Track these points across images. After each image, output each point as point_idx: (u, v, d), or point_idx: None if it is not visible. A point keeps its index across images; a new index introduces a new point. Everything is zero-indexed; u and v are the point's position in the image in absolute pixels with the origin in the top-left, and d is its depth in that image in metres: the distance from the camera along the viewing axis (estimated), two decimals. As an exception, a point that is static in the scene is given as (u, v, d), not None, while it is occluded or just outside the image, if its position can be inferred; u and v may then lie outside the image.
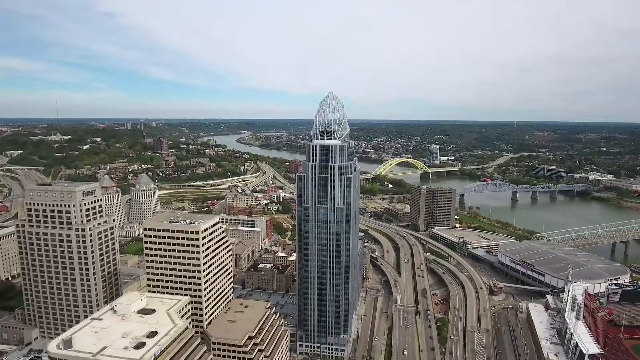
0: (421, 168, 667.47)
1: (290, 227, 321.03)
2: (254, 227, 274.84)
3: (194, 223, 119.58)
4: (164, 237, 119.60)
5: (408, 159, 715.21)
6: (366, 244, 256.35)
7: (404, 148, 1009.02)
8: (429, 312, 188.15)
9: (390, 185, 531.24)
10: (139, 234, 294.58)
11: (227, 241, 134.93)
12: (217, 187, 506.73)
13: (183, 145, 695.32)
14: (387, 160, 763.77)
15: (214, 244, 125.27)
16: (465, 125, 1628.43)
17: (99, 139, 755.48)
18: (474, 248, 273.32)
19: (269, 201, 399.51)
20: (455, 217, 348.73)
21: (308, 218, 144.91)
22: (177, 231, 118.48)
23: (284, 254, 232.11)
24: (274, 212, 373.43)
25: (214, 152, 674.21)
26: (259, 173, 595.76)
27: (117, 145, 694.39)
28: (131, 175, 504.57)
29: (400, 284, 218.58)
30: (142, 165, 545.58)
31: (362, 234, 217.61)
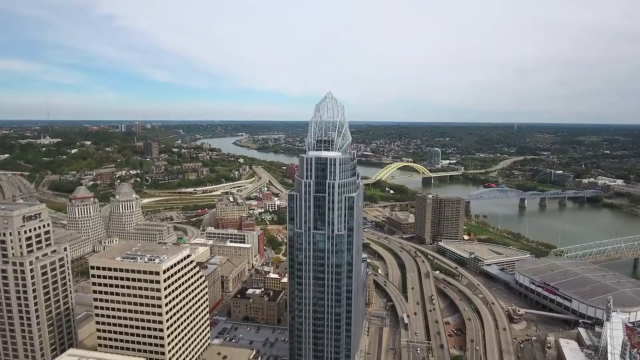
0: (423, 172, 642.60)
1: (285, 240, 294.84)
2: (244, 242, 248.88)
3: (154, 260, 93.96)
4: (116, 279, 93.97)
5: (409, 163, 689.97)
6: (369, 263, 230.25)
7: (404, 151, 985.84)
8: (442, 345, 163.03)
9: (392, 192, 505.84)
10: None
11: (200, 278, 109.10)
12: (209, 193, 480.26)
13: (175, 149, 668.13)
14: (387, 164, 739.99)
15: (181, 284, 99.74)
16: (465, 127, 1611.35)
17: (88, 143, 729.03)
18: (487, 265, 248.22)
19: (262, 210, 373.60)
20: (463, 227, 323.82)
21: (301, 246, 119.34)
22: (133, 271, 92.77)
23: (276, 276, 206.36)
24: (267, 222, 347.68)
25: (207, 156, 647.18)
26: (254, 178, 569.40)
27: (107, 149, 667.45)
28: (118, 181, 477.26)
29: (408, 310, 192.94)
30: (131, 171, 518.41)
31: (364, 255, 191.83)
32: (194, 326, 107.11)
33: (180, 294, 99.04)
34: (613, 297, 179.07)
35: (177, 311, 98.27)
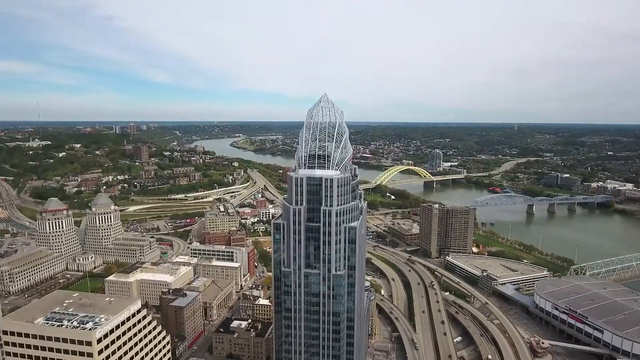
0: (424, 176, 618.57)
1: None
2: (232, 260, 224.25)
3: (86, 323, 69.45)
4: (36, 348, 69.56)
5: (410, 167, 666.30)
6: (371, 283, 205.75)
7: (404, 153, 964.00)
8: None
9: (393, 197, 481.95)
10: (94, 267, 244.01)
11: (157, 336, 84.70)
12: (200, 200, 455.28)
13: (167, 153, 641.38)
14: (387, 166, 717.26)
15: (126, 353, 75.08)
16: (465, 128, 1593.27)
17: (78, 145, 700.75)
18: (501, 284, 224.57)
19: (256, 220, 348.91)
20: (472, 239, 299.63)
21: (290, 289, 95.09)
22: (57, 339, 68.38)
23: (266, 302, 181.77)
24: (261, 233, 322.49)
25: (200, 160, 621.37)
26: (248, 183, 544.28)
27: (97, 152, 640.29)
28: (104, 187, 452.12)
29: (416, 344, 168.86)
30: (118, 176, 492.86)
31: (367, 282, 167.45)
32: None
33: (125, 365, 74.90)
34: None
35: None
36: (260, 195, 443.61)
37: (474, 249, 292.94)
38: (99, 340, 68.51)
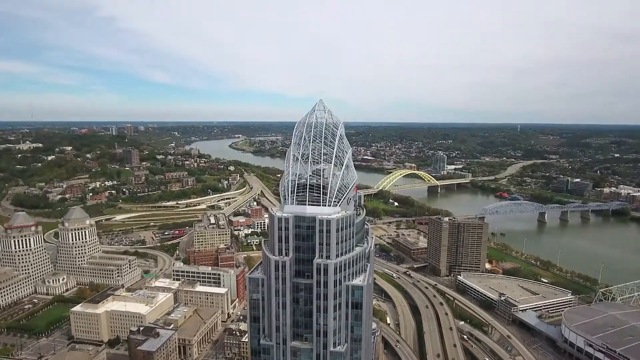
0: (428, 180, 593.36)
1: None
2: (219, 284, 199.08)
3: None
4: None
5: (414, 171, 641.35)
6: (376, 312, 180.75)
7: (406, 155, 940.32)
8: None
9: (396, 204, 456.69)
10: (66, 290, 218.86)
11: None
12: (193, 207, 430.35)
13: (160, 156, 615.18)
14: (389, 169, 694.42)
15: None
16: (467, 129, 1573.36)
17: (69, 148, 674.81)
18: (522, 311, 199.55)
19: (249, 232, 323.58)
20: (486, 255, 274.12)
21: (272, 368, 70.01)
22: None
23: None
24: (254, 247, 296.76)
25: (195, 164, 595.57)
26: (244, 189, 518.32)
27: (88, 155, 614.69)
28: (90, 195, 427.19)
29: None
30: (106, 182, 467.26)
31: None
32: None
33: None
34: None
35: None
36: (255, 203, 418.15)
37: (487, 265, 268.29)
38: None
